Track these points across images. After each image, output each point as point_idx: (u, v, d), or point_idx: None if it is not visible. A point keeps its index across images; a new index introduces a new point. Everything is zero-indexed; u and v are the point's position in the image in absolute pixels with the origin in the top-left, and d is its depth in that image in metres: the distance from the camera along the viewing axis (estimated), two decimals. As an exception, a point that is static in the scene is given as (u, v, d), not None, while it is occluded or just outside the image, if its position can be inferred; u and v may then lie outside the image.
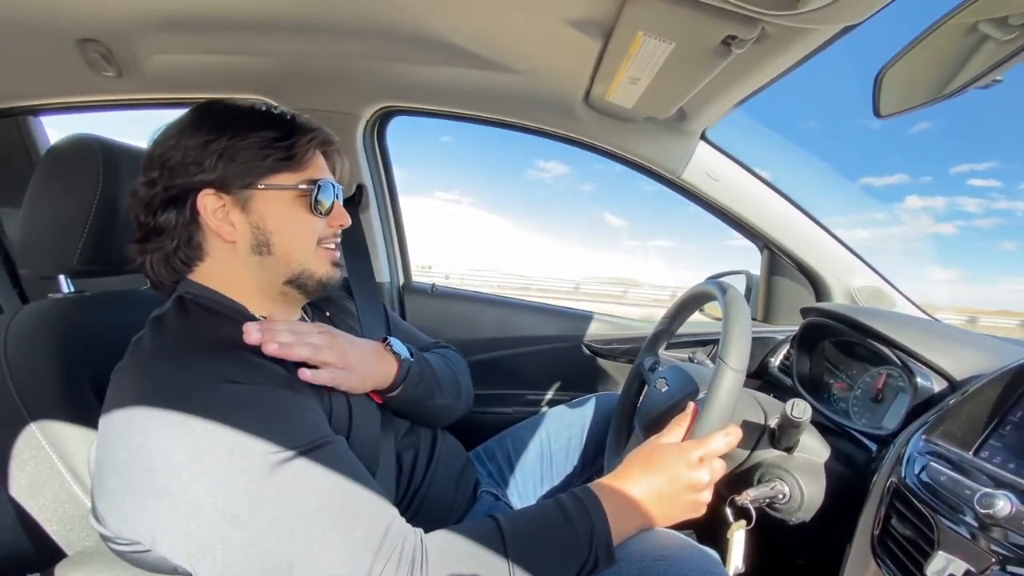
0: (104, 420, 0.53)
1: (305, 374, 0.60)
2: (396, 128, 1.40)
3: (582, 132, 1.23)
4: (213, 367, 0.54)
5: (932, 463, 0.63)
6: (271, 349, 0.58)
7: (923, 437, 0.67)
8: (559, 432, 1.06)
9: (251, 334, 0.58)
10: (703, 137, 1.21)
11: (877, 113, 0.67)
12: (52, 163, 0.77)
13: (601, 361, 1.51)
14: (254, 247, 0.65)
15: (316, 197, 0.67)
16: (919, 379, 0.77)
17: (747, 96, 1.03)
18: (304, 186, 0.66)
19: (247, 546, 0.48)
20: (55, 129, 1.56)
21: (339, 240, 0.73)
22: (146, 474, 0.49)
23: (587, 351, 1.50)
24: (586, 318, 1.53)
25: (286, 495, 0.49)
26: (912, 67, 0.65)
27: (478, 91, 1.18)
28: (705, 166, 1.23)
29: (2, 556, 0.82)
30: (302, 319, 0.76)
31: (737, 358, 0.66)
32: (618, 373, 1.51)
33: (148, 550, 0.53)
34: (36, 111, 1.32)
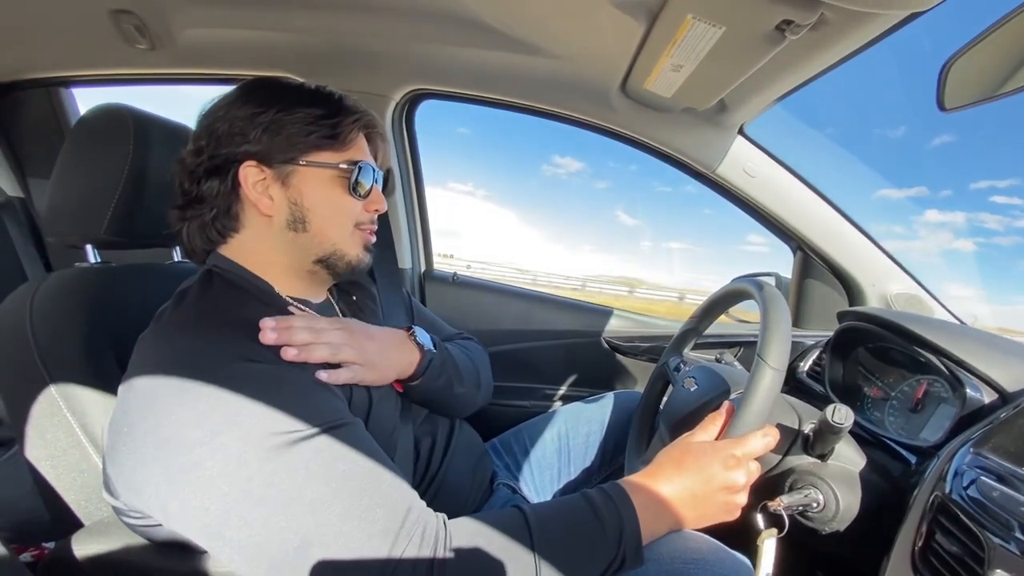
0: (123, 390, 0.53)
1: (322, 375, 0.58)
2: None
3: (616, 122, 1.20)
4: (234, 344, 0.53)
5: (983, 478, 0.59)
6: (289, 355, 0.56)
7: (972, 450, 0.64)
8: (578, 428, 1.05)
9: (267, 333, 0.56)
10: (741, 132, 1.17)
11: (941, 106, 0.64)
12: (83, 132, 0.76)
13: (620, 358, 1.48)
14: (290, 223, 0.65)
15: (356, 179, 0.67)
16: (968, 390, 0.73)
17: (791, 90, 0.99)
18: (345, 166, 0.66)
19: (263, 524, 0.47)
20: (86, 104, 1.57)
21: (376, 226, 0.73)
22: (161, 448, 0.48)
23: (607, 347, 1.48)
24: (607, 314, 1.51)
25: (304, 474, 0.48)
26: (979, 60, 0.61)
27: (512, 75, 1.15)
28: (742, 162, 1.19)
29: (21, 523, 0.82)
30: (327, 300, 0.75)
31: (777, 357, 0.64)
32: (637, 371, 1.49)
33: (160, 524, 0.53)
34: (68, 82, 1.33)
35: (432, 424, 0.80)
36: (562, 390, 1.50)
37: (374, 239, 0.73)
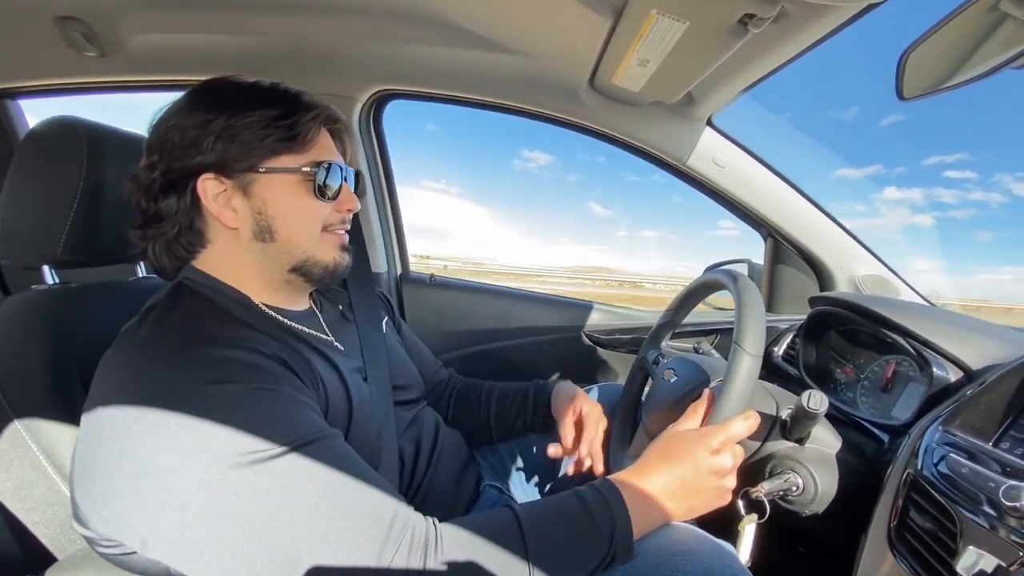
0: (86, 417, 0.51)
1: None
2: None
3: (586, 117, 1.20)
4: (200, 367, 0.51)
5: (952, 454, 0.62)
6: None
7: (940, 428, 0.66)
8: (562, 424, 1.05)
9: None
10: (709, 123, 1.18)
11: (900, 95, 0.65)
12: (32, 147, 0.72)
13: (601, 352, 1.49)
14: (256, 234, 0.62)
15: (323, 181, 0.64)
16: (935, 369, 0.76)
17: (756, 80, 1.00)
18: (307, 169, 0.63)
19: (244, 545, 0.45)
20: (35, 116, 1.50)
21: (349, 225, 0.70)
22: (131, 477, 0.46)
23: (588, 341, 1.48)
24: (586, 308, 1.52)
25: (281, 491, 0.47)
26: (937, 49, 0.63)
27: (479, 74, 1.14)
28: (711, 152, 1.21)
29: (-10, 559, 0.79)
30: (311, 309, 0.73)
31: (754, 343, 0.66)
32: (619, 363, 1.50)
33: (134, 552, 0.51)
34: (14, 94, 1.26)
35: (417, 430, 0.79)
36: None
37: (347, 239, 0.70)
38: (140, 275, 0.90)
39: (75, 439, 0.63)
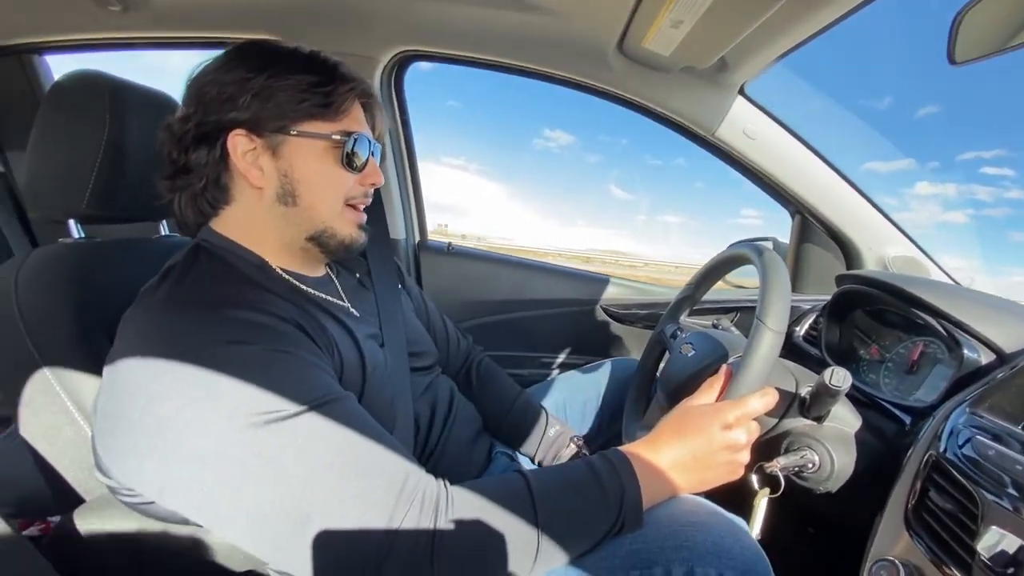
0: (108, 372, 0.52)
1: None
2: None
3: (613, 82, 1.16)
4: (217, 327, 0.51)
5: (978, 436, 0.60)
6: None
7: (968, 410, 0.64)
8: (574, 396, 1.05)
9: None
10: (741, 92, 1.14)
11: (952, 59, 0.61)
12: (56, 100, 0.73)
13: (615, 326, 1.49)
14: (280, 196, 0.63)
15: (350, 150, 0.64)
16: (966, 351, 0.73)
17: (793, 47, 0.96)
18: (338, 137, 0.63)
19: (257, 502, 0.47)
20: (61, 74, 1.51)
21: (370, 201, 0.70)
22: (149, 432, 0.47)
23: (604, 315, 1.47)
24: (603, 282, 1.51)
25: (294, 450, 0.47)
26: (991, 11, 0.58)
27: (505, 34, 1.10)
28: (742, 123, 1.16)
29: (24, 499, 0.82)
30: (327, 276, 0.73)
31: (777, 320, 0.64)
32: (632, 338, 1.49)
33: (153, 502, 0.52)
34: (40, 49, 1.26)
35: (432, 396, 0.80)
36: (559, 358, 1.51)
37: (365, 218, 0.70)
38: (163, 233, 0.91)
39: (99, 387, 0.65)
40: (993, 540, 0.50)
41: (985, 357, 0.73)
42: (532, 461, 0.93)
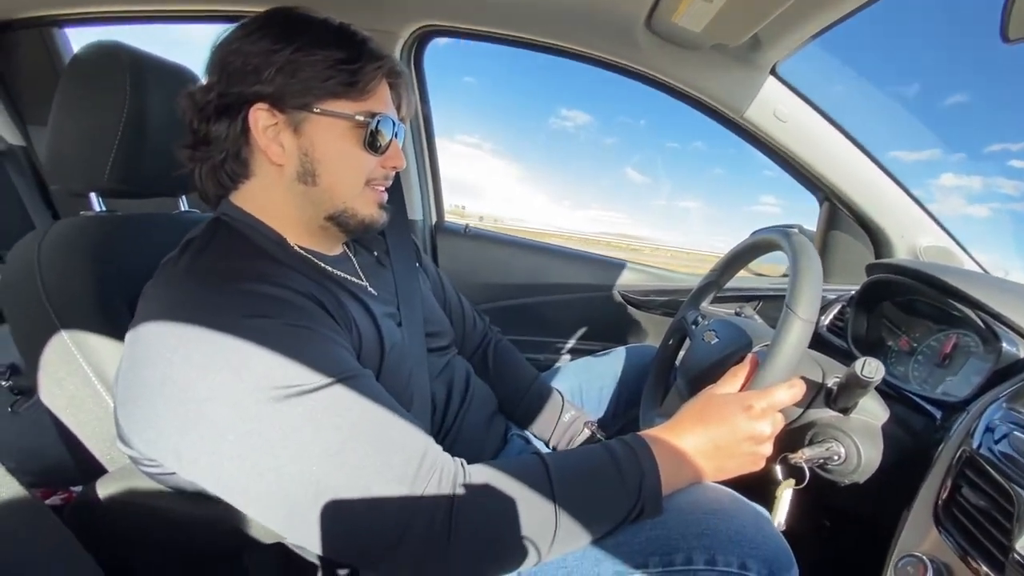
0: (129, 343, 0.52)
1: None
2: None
3: (640, 60, 1.12)
4: (237, 300, 0.51)
5: (1016, 433, 0.58)
6: None
7: (1005, 405, 0.62)
8: (591, 381, 1.05)
9: None
10: (773, 72, 1.09)
11: (1005, 37, 0.57)
12: (76, 72, 0.72)
13: (632, 312, 1.47)
14: (300, 174, 0.61)
15: (374, 129, 0.62)
16: (1004, 344, 0.71)
17: (830, 24, 0.92)
18: (362, 117, 0.61)
19: (276, 474, 0.47)
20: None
21: (390, 182, 0.69)
22: (170, 403, 0.48)
23: (620, 300, 1.46)
24: (620, 267, 1.49)
25: (314, 425, 0.47)
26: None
27: (528, 9, 1.07)
28: (772, 105, 1.12)
29: (48, 468, 0.84)
30: (344, 254, 0.73)
31: (807, 307, 0.62)
32: (650, 325, 1.48)
33: (175, 472, 0.53)
34: (60, 21, 1.26)
35: (449, 375, 0.79)
36: (574, 344, 1.50)
37: (386, 197, 0.69)
38: (182, 208, 0.91)
39: (120, 358, 0.66)
40: (1034, 540, 0.48)
41: (1024, 351, 0.70)
42: (547, 445, 0.92)
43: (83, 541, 0.51)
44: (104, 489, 0.64)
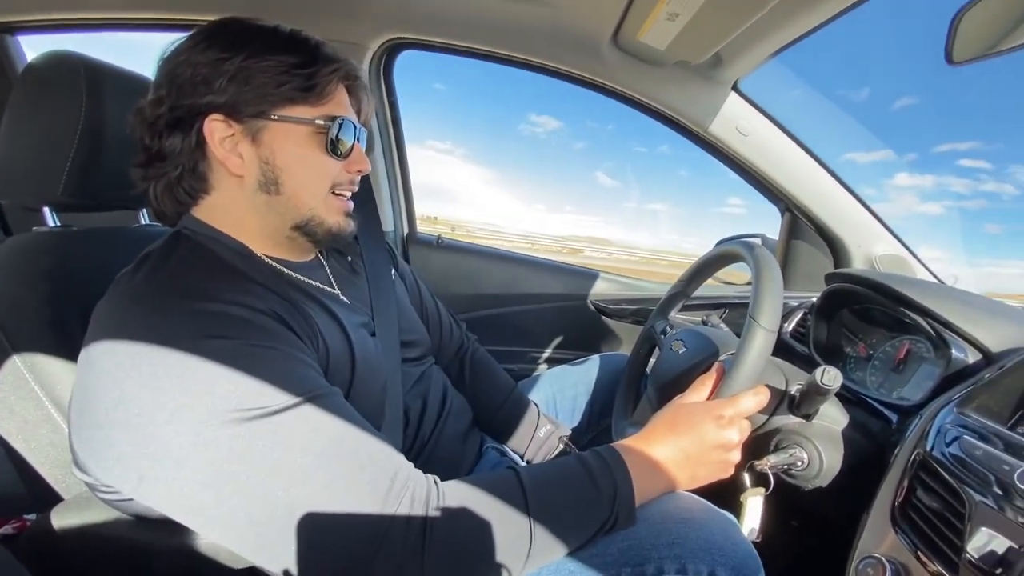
0: (81, 365, 0.50)
1: None
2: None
3: (606, 76, 1.14)
4: (194, 320, 0.49)
5: (966, 436, 0.61)
6: None
7: (955, 409, 0.65)
8: (565, 390, 1.05)
9: None
10: (735, 88, 1.13)
11: (949, 59, 0.61)
12: (30, 82, 0.69)
13: (606, 321, 1.49)
14: (262, 184, 0.60)
15: (335, 136, 0.61)
16: (953, 350, 0.74)
17: (788, 43, 0.95)
18: (321, 122, 0.60)
19: (241, 500, 0.45)
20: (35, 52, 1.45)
21: (356, 188, 0.68)
22: (125, 428, 0.46)
23: (594, 310, 1.47)
24: (593, 276, 1.50)
25: (279, 448, 0.46)
26: (991, 11, 0.58)
27: (497, 24, 1.08)
28: (735, 119, 1.16)
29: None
30: (317, 260, 0.71)
31: (769, 317, 0.64)
32: (623, 333, 1.49)
33: (133, 499, 0.51)
34: (12, 28, 1.21)
35: (424, 387, 0.78)
36: (548, 353, 1.50)
37: (352, 205, 0.68)
38: (142, 222, 0.88)
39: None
40: (983, 541, 0.50)
41: (972, 357, 0.74)
42: (522, 458, 0.92)
43: (37, 573, 0.49)
44: (60, 518, 0.61)
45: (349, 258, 0.78)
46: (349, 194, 0.67)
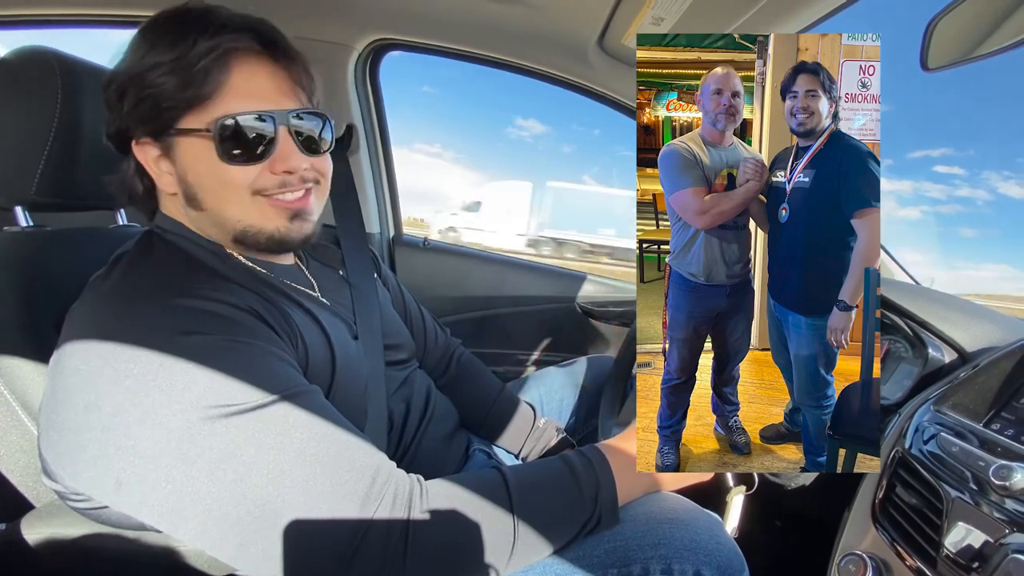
0: (53, 368, 0.49)
1: None
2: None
3: (591, 79, 1.16)
4: (169, 318, 0.48)
5: (942, 434, 0.62)
6: None
7: (932, 408, 0.66)
8: (551, 393, 1.05)
9: None
10: (718, 92, 1.14)
11: (925, 66, 0.63)
12: (2, 78, 0.67)
13: (592, 323, 1.49)
14: (188, 200, 0.57)
15: (228, 138, 0.53)
16: (930, 350, 0.76)
17: (769, 48, 0.97)
18: (205, 127, 0.53)
19: (218, 499, 0.44)
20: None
21: (299, 190, 0.58)
22: (98, 431, 0.45)
23: (580, 312, 1.48)
24: (580, 279, 1.51)
25: (257, 445, 0.45)
26: (965, 18, 0.60)
27: (485, 26, 1.08)
28: (718, 123, 1.17)
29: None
30: (295, 265, 0.70)
31: None
32: (609, 335, 1.50)
33: (106, 506, 0.49)
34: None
35: (408, 391, 0.78)
36: (535, 355, 1.50)
37: (306, 202, 0.60)
38: (120, 223, 0.86)
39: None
40: (960, 536, 0.51)
41: (948, 356, 0.75)
42: (516, 457, 0.92)
43: None
44: (30, 527, 0.59)
45: (331, 263, 0.77)
46: (290, 196, 0.58)
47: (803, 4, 0.77)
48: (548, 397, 1.04)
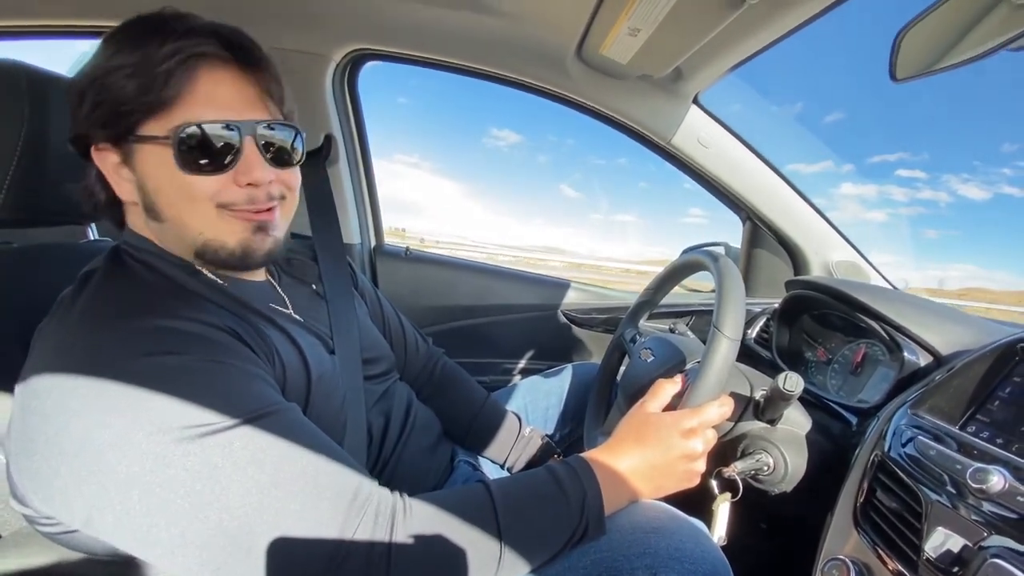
0: (20, 390, 0.47)
1: None
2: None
3: (571, 88, 1.16)
4: (139, 337, 0.47)
5: (920, 437, 0.63)
6: None
7: (909, 411, 0.67)
8: (536, 401, 1.05)
9: None
10: (695, 101, 1.16)
11: (893, 76, 0.64)
12: None
13: (577, 330, 1.49)
14: (147, 210, 0.55)
15: (190, 148, 0.51)
16: (906, 353, 0.77)
17: (746, 58, 0.99)
18: (165, 134, 0.51)
19: (196, 522, 0.43)
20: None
21: (265, 204, 0.57)
22: (69, 455, 0.43)
23: (565, 320, 1.48)
24: (564, 286, 1.51)
25: (233, 466, 0.44)
26: (932, 30, 0.62)
27: (462, 36, 1.08)
28: (696, 132, 1.19)
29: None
30: (267, 281, 0.69)
31: (732, 327, 0.66)
32: (594, 343, 1.50)
33: (77, 531, 0.48)
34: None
35: (387, 404, 0.77)
36: (521, 364, 1.50)
37: (270, 216, 0.58)
38: (91, 238, 0.84)
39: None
40: (939, 540, 0.52)
41: (923, 359, 0.77)
42: (502, 467, 0.91)
43: None
44: None
45: (306, 278, 0.75)
46: (256, 210, 0.56)
47: (775, 16, 0.79)
48: (533, 406, 1.03)
